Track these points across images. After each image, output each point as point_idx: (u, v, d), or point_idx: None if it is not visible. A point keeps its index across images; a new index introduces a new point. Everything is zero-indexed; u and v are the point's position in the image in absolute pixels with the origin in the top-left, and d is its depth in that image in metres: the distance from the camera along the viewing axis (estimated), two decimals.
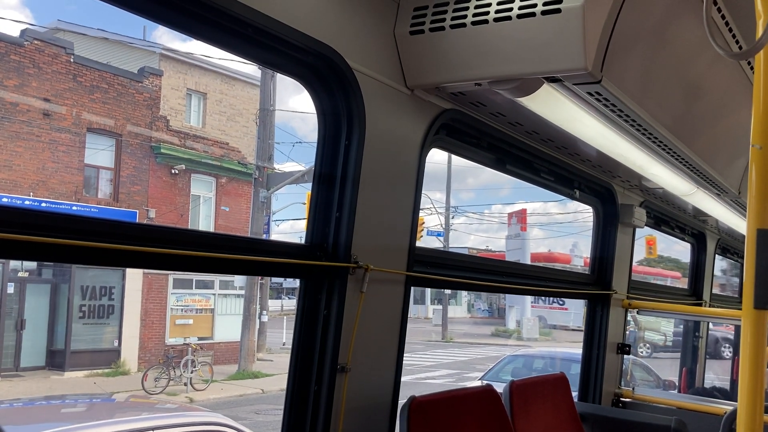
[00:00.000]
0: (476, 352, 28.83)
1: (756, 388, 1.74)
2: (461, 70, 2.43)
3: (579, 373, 4.67)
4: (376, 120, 2.47)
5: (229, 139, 24.37)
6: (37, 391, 16.24)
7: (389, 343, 2.67)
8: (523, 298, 34.81)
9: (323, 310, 2.43)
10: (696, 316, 6.63)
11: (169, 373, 17.99)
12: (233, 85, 24.88)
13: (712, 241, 6.95)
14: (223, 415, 7.42)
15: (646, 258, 35.01)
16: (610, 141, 3.19)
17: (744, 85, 3.32)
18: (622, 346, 4.76)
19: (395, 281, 2.68)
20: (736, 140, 3.82)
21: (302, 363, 2.44)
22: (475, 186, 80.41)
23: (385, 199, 2.60)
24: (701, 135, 3.48)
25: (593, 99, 2.54)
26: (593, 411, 4.21)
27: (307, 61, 2.30)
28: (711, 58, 2.99)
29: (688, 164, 3.61)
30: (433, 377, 20.67)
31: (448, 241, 34.20)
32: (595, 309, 4.65)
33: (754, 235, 1.69)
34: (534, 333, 34.37)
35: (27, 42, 18.85)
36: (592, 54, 2.18)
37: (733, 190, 4.33)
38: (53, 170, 19.16)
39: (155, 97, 21.97)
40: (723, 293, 10.68)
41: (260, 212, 20.77)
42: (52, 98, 19.22)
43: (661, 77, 2.83)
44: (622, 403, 4.74)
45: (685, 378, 7.46)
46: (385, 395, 2.67)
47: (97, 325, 20.21)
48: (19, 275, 18.96)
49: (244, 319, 20.90)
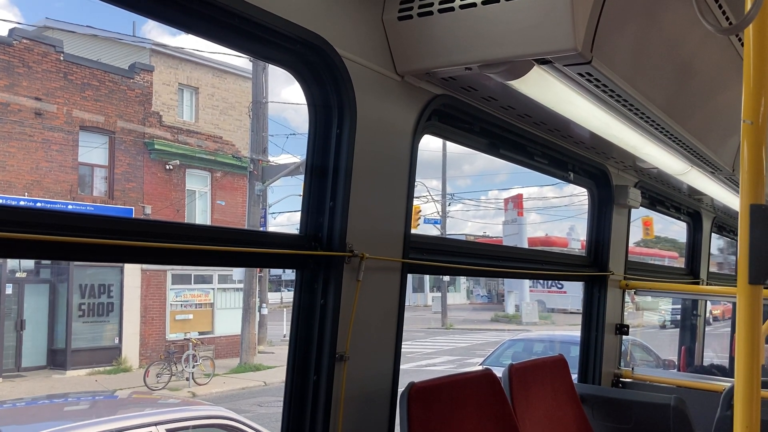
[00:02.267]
0: (476, 337, 28.94)
1: (753, 363, 1.75)
2: (451, 54, 2.42)
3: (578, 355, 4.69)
4: (367, 108, 2.46)
5: (223, 133, 24.29)
6: (39, 391, 16.27)
7: (387, 330, 2.68)
8: (521, 283, 34.91)
9: (320, 300, 2.43)
10: (693, 294, 6.66)
11: (171, 368, 18.03)
12: (225, 79, 24.76)
13: (708, 219, 6.96)
14: (226, 409, 7.44)
15: (643, 239, 35.11)
16: (603, 122, 3.18)
17: (735, 62, 3.31)
18: (620, 327, 4.78)
19: (391, 269, 2.68)
20: (729, 117, 3.82)
21: (301, 353, 2.44)
22: (471, 172, 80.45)
23: (378, 187, 2.59)
24: (694, 113, 3.48)
25: (584, 80, 2.53)
26: (593, 392, 4.23)
27: (295, 51, 2.28)
28: (701, 35, 2.98)
29: (682, 143, 3.61)
30: (434, 364, 20.74)
31: (445, 228, 34.22)
32: (593, 291, 4.66)
33: (748, 211, 1.69)
34: (533, 317, 34.49)
35: (16, 41, 18.72)
36: (582, 34, 2.17)
37: (727, 167, 4.33)
38: (47, 170, 19.09)
39: (147, 93, 21.86)
40: (721, 272, 10.71)
41: (256, 205, 20.76)
42: (44, 97, 19.11)
43: (652, 56, 2.82)
44: (622, 384, 4.76)
45: (684, 356, 7.50)
46: (384, 382, 2.67)
47: (97, 323, 20.22)
48: (17, 276, 18.93)
49: (244, 312, 20.93)
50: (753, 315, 1.72)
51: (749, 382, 1.73)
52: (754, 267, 1.68)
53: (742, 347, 1.74)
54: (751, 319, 1.73)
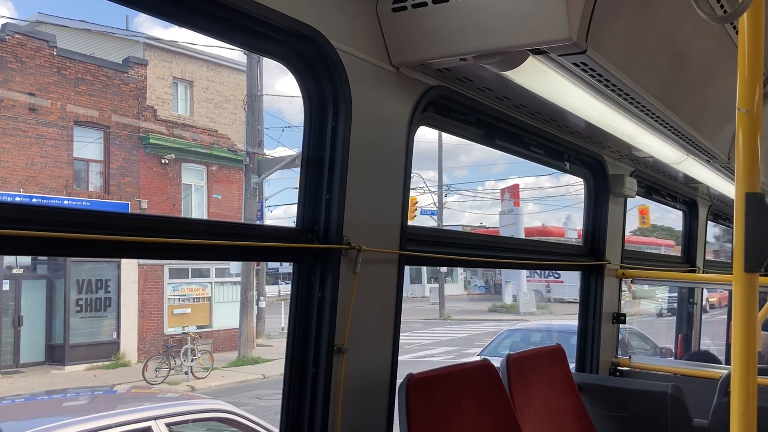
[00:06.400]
0: (474, 328, 29.02)
1: (749, 350, 1.76)
2: (445, 45, 2.41)
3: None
4: (363, 100, 2.46)
5: (218, 127, 24.23)
6: (38, 387, 16.27)
7: (385, 322, 2.68)
8: (518, 274, 34.97)
9: (317, 293, 2.43)
10: (689, 282, 6.68)
11: (170, 362, 18.05)
12: (219, 72, 24.67)
13: (704, 207, 6.98)
14: (225, 402, 7.46)
15: (639, 228, 35.18)
16: (598, 112, 3.18)
17: (730, 50, 3.30)
18: (617, 316, 4.79)
19: (388, 260, 2.68)
20: (724, 106, 3.82)
21: (299, 346, 2.44)
22: (468, 163, 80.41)
23: (374, 179, 2.59)
24: (689, 102, 3.48)
25: (579, 70, 2.53)
26: (590, 381, 4.25)
27: (290, 43, 2.27)
28: (696, 24, 2.97)
29: (677, 132, 3.61)
30: (432, 355, 20.80)
31: (442, 219, 34.25)
32: (590, 280, 4.67)
33: (743, 199, 1.70)
34: (531, 307, 34.58)
35: (8, 36, 18.62)
36: (576, 24, 2.16)
37: (722, 155, 4.33)
38: (42, 165, 19.03)
39: (141, 87, 21.78)
40: (717, 260, 10.74)
41: (252, 199, 20.74)
42: (37, 92, 19.03)
43: (647, 45, 2.82)
44: (620, 372, 4.78)
45: (681, 344, 7.53)
46: (383, 374, 2.68)
47: (95, 319, 20.22)
48: (14, 272, 18.91)
49: (242, 305, 20.94)
50: (749, 302, 1.73)
51: (745, 368, 1.74)
52: (749, 255, 1.68)
53: (738, 334, 1.74)
54: (747, 307, 1.73)
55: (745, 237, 1.69)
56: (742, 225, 1.70)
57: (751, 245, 1.68)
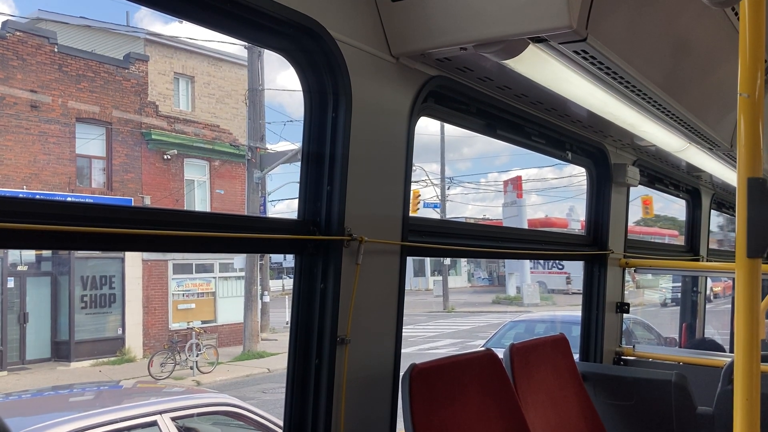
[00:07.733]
0: (478, 320, 29.04)
1: (752, 337, 1.75)
2: (445, 35, 2.40)
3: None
4: (363, 91, 2.45)
5: (220, 122, 24.21)
6: (44, 383, 16.34)
7: (388, 313, 2.69)
8: (522, 265, 34.95)
9: (320, 285, 2.43)
10: (692, 271, 6.67)
11: (175, 357, 18.11)
12: (220, 67, 24.64)
13: (707, 196, 6.96)
14: (230, 396, 7.48)
15: (643, 218, 35.10)
16: (600, 100, 3.17)
17: (731, 35, 3.29)
18: (621, 305, 4.79)
19: (390, 252, 2.68)
20: (727, 93, 3.80)
21: (302, 338, 2.45)
22: (471, 155, 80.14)
23: (375, 170, 2.58)
24: (691, 89, 3.46)
25: (580, 58, 2.52)
26: (594, 370, 4.25)
27: (289, 35, 2.27)
28: (697, 9, 2.96)
29: (680, 120, 3.59)
30: (436, 347, 20.83)
31: (445, 212, 34.22)
32: (593, 270, 4.66)
33: (745, 184, 1.69)
34: (535, 298, 34.58)
35: (9, 34, 18.61)
36: (576, 11, 2.15)
37: (725, 143, 4.32)
38: (45, 162, 19.06)
39: (143, 83, 21.76)
40: (721, 248, 10.72)
41: (255, 193, 20.74)
42: (39, 89, 19.03)
43: (648, 32, 2.80)
44: (624, 362, 4.78)
45: (685, 333, 7.53)
46: (386, 365, 2.68)
47: (100, 315, 20.29)
48: (19, 269, 18.97)
49: (246, 300, 20.98)
50: (752, 288, 1.72)
51: (749, 356, 1.73)
52: (752, 240, 1.67)
53: (742, 321, 1.73)
54: (751, 293, 1.72)
55: (748, 222, 1.68)
56: (744, 210, 1.68)
57: (753, 230, 1.67)
